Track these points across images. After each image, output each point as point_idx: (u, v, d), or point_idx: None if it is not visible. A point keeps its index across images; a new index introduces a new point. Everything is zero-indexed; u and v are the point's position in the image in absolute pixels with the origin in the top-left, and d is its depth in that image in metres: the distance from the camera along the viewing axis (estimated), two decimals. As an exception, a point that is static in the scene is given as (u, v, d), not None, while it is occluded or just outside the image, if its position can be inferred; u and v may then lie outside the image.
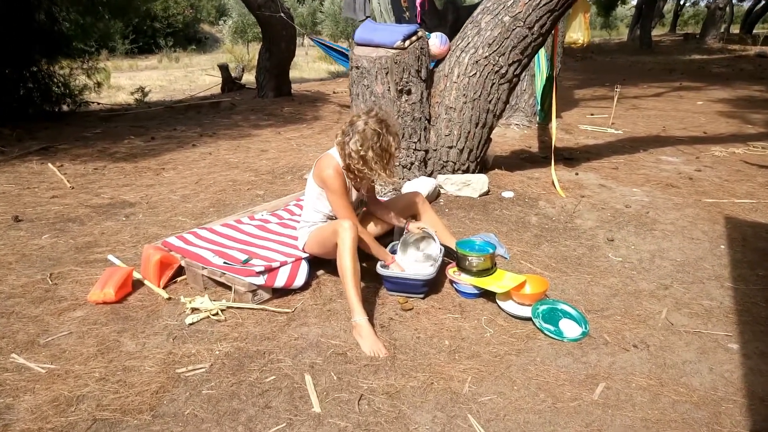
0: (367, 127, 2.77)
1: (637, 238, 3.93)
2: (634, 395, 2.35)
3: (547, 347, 2.67)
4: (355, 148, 2.79)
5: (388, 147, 2.81)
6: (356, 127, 2.80)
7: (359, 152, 2.78)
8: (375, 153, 2.78)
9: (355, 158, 2.81)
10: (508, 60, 4.25)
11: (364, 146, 2.77)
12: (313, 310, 2.92)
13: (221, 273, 2.97)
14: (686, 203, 4.66)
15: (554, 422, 2.18)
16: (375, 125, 2.77)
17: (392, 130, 2.83)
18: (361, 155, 2.79)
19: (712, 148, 6.78)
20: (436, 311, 2.94)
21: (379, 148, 2.78)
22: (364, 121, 2.79)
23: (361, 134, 2.77)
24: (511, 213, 4.23)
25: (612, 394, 2.35)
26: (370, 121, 2.78)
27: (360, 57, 4.13)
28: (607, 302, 3.09)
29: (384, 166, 2.83)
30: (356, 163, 2.82)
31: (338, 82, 14.01)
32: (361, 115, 2.83)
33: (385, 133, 2.79)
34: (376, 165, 2.80)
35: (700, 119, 8.89)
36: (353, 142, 2.79)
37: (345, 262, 2.70)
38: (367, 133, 2.77)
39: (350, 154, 2.81)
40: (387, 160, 2.83)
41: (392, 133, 2.82)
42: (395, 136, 2.84)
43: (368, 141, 2.77)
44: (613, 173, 5.54)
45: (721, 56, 19.57)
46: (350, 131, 2.82)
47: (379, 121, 2.79)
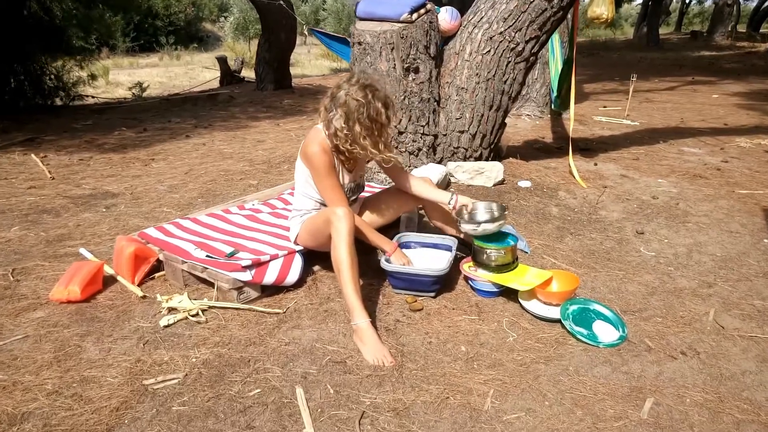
0: (348, 97, 2.37)
1: (669, 231, 3.54)
2: (690, 413, 1.96)
3: (581, 354, 2.28)
4: (339, 125, 2.40)
5: (378, 116, 2.40)
6: (338, 99, 2.40)
7: (343, 129, 2.39)
8: (363, 126, 2.38)
9: (342, 137, 2.42)
10: (525, 36, 3.87)
11: (349, 121, 2.38)
12: (307, 311, 2.54)
13: (203, 267, 2.59)
14: (718, 194, 4.27)
15: (598, 447, 1.79)
16: (358, 93, 2.37)
17: (380, 94, 2.42)
18: (346, 133, 2.40)
19: (736, 139, 6.39)
20: (450, 312, 2.55)
21: (367, 119, 2.38)
22: (345, 91, 2.39)
23: (344, 108, 2.38)
24: (529, 204, 3.83)
25: (663, 412, 1.96)
26: (351, 90, 2.38)
27: (362, 32, 3.75)
28: (644, 302, 2.69)
29: (375, 141, 2.43)
30: (344, 141, 2.43)
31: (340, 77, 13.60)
32: (342, 84, 2.43)
33: (372, 99, 2.38)
34: (366, 140, 2.41)
35: (719, 111, 8.50)
36: (337, 118, 2.40)
37: (340, 255, 2.32)
38: (350, 105, 2.37)
39: (336, 133, 2.43)
40: (379, 132, 2.43)
41: (380, 99, 2.41)
42: (385, 101, 2.43)
43: (353, 113, 2.37)
44: (635, 164, 5.15)
45: (731, 53, 19.18)
46: (332, 106, 2.42)
47: (362, 87, 2.39)
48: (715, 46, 21.73)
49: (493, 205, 2.78)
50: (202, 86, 12.20)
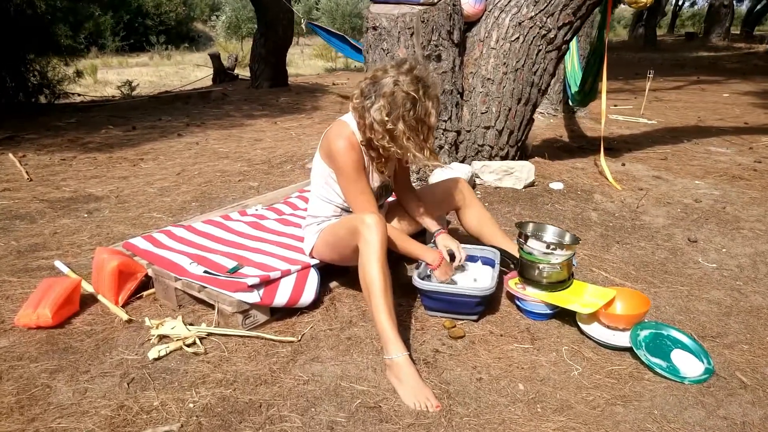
0: (397, 88, 1.94)
1: (724, 239, 3.15)
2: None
3: (664, 393, 1.87)
4: (379, 118, 1.97)
5: (427, 117, 1.99)
6: (381, 86, 1.97)
7: (385, 124, 1.97)
8: (407, 125, 1.96)
9: (380, 131, 1.99)
10: (557, 22, 3.47)
11: (392, 116, 1.95)
12: (327, 339, 2.12)
13: (200, 286, 2.16)
14: (765, 197, 3.88)
15: None
16: (409, 86, 1.94)
17: (431, 92, 2.01)
18: (388, 128, 1.97)
19: (762, 138, 6.03)
20: (498, 339, 2.14)
21: (414, 118, 1.96)
22: (393, 79, 1.96)
23: (388, 98, 1.95)
24: (565, 208, 3.43)
25: (784, 472, 1.55)
26: (401, 80, 1.95)
27: (378, 15, 3.33)
28: (722, 324, 2.29)
29: (421, 144, 2.01)
30: (380, 138, 2.01)
31: (337, 75, 13.22)
32: (389, 69, 2.00)
33: (423, 97, 1.97)
34: (409, 142, 1.99)
35: (735, 110, 8.15)
36: (376, 108, 1.97)
37: (372, 274, 1.90)
38: (397, 98, 1.94)
39: (372, 126, 2.00)
40: (425, 135, 2.01)
41: (431, 97, 2.00)
42: (435, 100, 2.02)
43: (398, 108, 1.94)
44: (664, 164, 4.76)
45: (729, 53, 18.98)
46: (372, 92, 1.99)
47: (415, 79, 1.96)
48: (712, 46, 21.54)
49: (566, 235, 2.38)
50: (193, 84, 11.72)
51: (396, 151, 2.05)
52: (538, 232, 2.37)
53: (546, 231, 2.39)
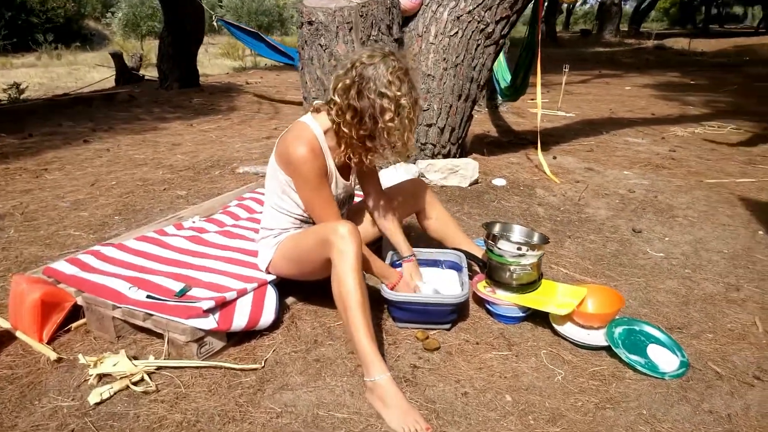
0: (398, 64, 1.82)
1: (664, 228, 3.23)
2: (809, 462, 1.56)
3: (648, 391, 1.84)
4: (391, 94, 1.78)
5: (418, 101, 1.89)
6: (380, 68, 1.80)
7: (398, 98, 1.79)
8: (410, 104, 1.84)
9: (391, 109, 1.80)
10: (495, 16, 3.43)
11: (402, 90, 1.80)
12: (293, 362, 1.93)
13: (145, 314, 1.90)
14: (689, 185, 4.06)
15: None
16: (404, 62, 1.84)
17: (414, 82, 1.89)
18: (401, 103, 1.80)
19: (670, 128, 6.37)
20: (474, 348, 2.04)
21: (414, 100, 1.86)
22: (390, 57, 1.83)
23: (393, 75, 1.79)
24: (511, 204, 3.40)
25: (779, 464, 1.55)
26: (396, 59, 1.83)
27: (314, 9, 3.14)
28: (684, 314, 2.32)
29: (413, 130, 1.88)
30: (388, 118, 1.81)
31: (249, 74, 12.77)
32: (374, 54, 1.84)
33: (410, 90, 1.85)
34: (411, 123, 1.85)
35: (640, 102, 8.60)
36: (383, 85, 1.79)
37: (348, 288, 1.74)
38: (399, 75, 1.81)
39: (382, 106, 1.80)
40: (411, 129, 1.87)
41: (415, 88, 1.89)
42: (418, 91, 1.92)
43: (403, 84, 1.81)
44: (592, 156, 4.90)
45: (622, 49, 20.13)
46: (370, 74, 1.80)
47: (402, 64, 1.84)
48: (606, 42, 22.81)
49: (534, 235, 2.31)
50: (93, 86, 10.91)
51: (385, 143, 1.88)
52: (505, 232, 2.29)
53: (513, 231, 2.32)
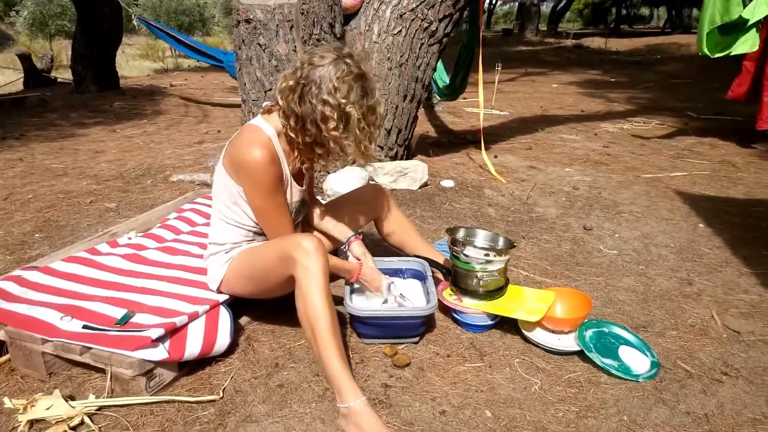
0: (348, 69, 1.65)
1: (612, 224, 3.27)
2: (789, 458, 1.56)
3: (625, 395, 1.80)
4: (334, 102, 1.64)
5: (377, 106, 1.73)
6: (327, 70, 1.65)
7: (342, 107, 1.64)
8: (362, 112, 1.68)
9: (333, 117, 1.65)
10: (438, 14, 3.37)
11: (348, 98, 1.65)
12: (254, 390, 1.76)
13: (83, 348, 1.69)
14: (628, 181, 4.15)
15: None
16: (356, 69, 1.67)
17: (372, 85, 1.74)
18: (346, 111, 1.65)
19: (600, 125, 6.56)
20: (446, 361, 1.94)
21: (367, 106, 1.70)
22: (342, 61, 1.66)
23: (341, 80, 1.64)
24: (462, 206, 3.34)
25: (761, 463, 1.54)
26: (350, 61, 1.67)
27: (251, 6, 2.96)
28: (646, 312, 2.32)
29: (371, 135, 1.74)
30: (332, 127, 1.66)
31: (172, 76, 12.24)
32: (326, 54, 1.69)
33: (368, 92, 1.71)
34: (363, 132, 1.70)
35: (568, 99, 8.85)
36: (327, 91, 1.64)
37: (316, 308, 1.60)
38: (349, 81, 1.65)
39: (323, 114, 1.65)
40: (375, 126, 1.74)
41: (375, 86, 1.75)
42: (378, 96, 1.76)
43: (353, 92, 1.65)
44: (532, 154, 4.94)
45: (543, 48, 20.80)
46: (316, 77, 1.66)
47: (357, 76, 1.68)
48: (528, 41, 23.49)
49: (499, 239, 2.24)
50: (-1, 90, 10.10)
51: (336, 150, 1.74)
52: (470, 237, 2.21)
53: (477, 236, 2.24)
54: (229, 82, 10.66)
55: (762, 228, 3.27)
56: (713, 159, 4.89)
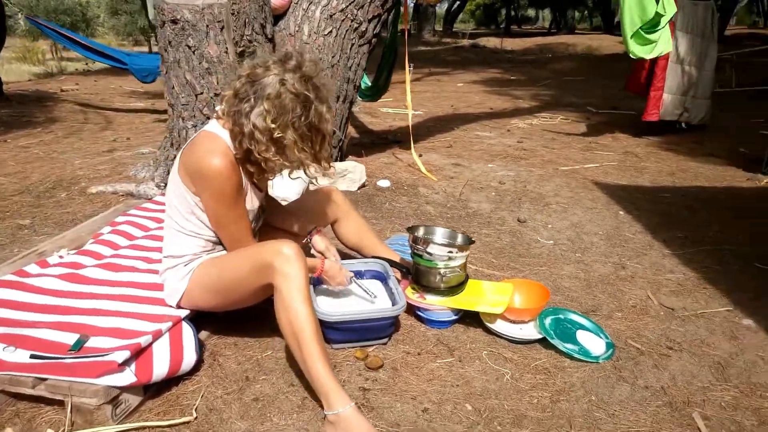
0: (284, 89, 1.60)
1: (543, 216, 3.42)
2: (738, 419, 1.71)
3: (590, 376, 1.90)
4: (263, 125, 1.59)
5: (321, 122, 1.67)
6: (264, 86, 1.60)
7: (271, 132, 1.60)
8: (299, 134, 1.63)
9: (263, 141, 1.62)
10: (367, 14, 3.38)
11: (279, 122, 1.60)
12: (229, 407, 1.69)
13: (35, 379, 1.54)
14: (548, 174, 4.37)
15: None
16: (299, 86, 1.62)
17: (323, 94, 1.69)
18: (275, 137, 1.62)
19: (511, 121, 6.85)
20: (417, 359, 1.95)
21: (306, 125, 1.64)
22: (279, 77, 1.61)
23: (273, 101, 1.59)
24: (401, 205, 3.37)
25: (718, 425, 1.70)
26: (288, 78, 1.61)
27: (178, 6, 2.82)
28: (591, 297, 2.45)
29: (316, 154, 1.70)
30: (264, 149, 1.63)
31: (61, 80, 11.40)
32: (271, 65, 1.64)
33: (315, 99, 1.65)
34: (302, 153, 1.66)
35: (475, 98, 9.16)
36: (258, 114, 1.60)
37: (300, 316, 1.56)
38: (284, 100, 1.60)
39: (253, 135, 1.62)
40: (320, 144, 1.71)
41: (324, 100, 1.69)
42: (328, 103, 1.72)
43: (287, 114, 1.60)
44: (453, 151, 5.07)
45: (442, 47, 21.38)
46: (251, 93, 1.62)
47: (304, 78, 1.64)
48: (427, 42, 24.07)
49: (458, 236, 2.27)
50: None
51: (283, 164, 1.71)
52: (429, 235, 2.23)
53: (436, 233, 2.27)
54: (127, 85, 10.12)
55: (672, 213, 3.55)
56: (618, 150, 5.25)
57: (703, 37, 5.69)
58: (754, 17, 29.51)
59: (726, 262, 2.84)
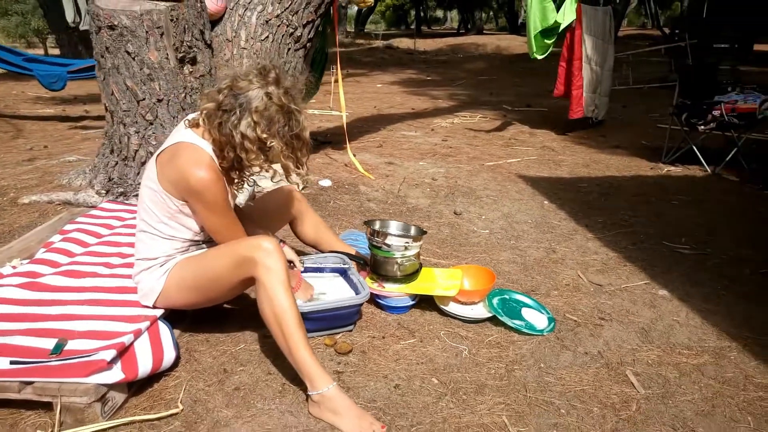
0: (270, 102, 1.71)
1: (476, 208, 3.67)
2: (665, 374, 1.99)
3: (537, 347, 2.12)
4: (253, 136, 1.70)
5: (302, 131, 1.79)
6: (249, 100, 1.70)
7: (264, 142, 1.72)
8: (285, 142, 1.75)
9: (253, 150, 1.72)
10: (302, 20, 3.49)
11: (267, 132, 1.71)
12: (213, 397, 1.77)
13: (21, 384, 1.56)
14: (476, 169, 4.64)
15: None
16: (283, 98, 1.73)
17: (300, 104, 1.81)
18: (268, 146, 1.74)
19: (433, 120, 7.14)
20: (383, 342, 2.10)
21: (291, 133, 1.76)
22: (264, 90, 1.71)
23: (261, 113, 1.70)
24: (346, 203, 3.51)
25: (647, 380, 1.95)
26: (273, 92, 1.72)
27: (115, 12, 2.82)
28: (529, 278, 2.70)
29: (299, 160, 1.82)
30: (253, 157, 1.74)
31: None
32: (253, 79, 1.74)
33: (295, 110, 1.77)
34: (288, 159, 1.78)
35: (396, 98, 9.42)
36: (247, 125, 1.70)
37: (282, 305, 1.67)
38: (270, 113, 1.71)
39: (243, 144, 1.71)
40: (301, 150, 1.82)
41: (302, 110, 1.81)
42: (303, 112, 1.84)
43: (274, 125, 1.72)
44: (385, 151, 5.26)
45: (356, 49, 21.61)
46: (236, 106, 1.71)
47: (285, 91, 1.75)
48: (340, 43, 24.10)
49: (411, 228, 2.45)
50: None
51: (261, 170, 1.82)
52: (384, 228, 2.39)
53: (390, 226, 2.42)
54: (30, 91, 9.61)
55: (590, 201, 3.90)
56: (536, 146, 5.63)
57: (604, 39, 6.20)
58: (642, 18, 31.83)
59: (640, 241, 3.18)
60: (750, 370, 2.01)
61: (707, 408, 1.80)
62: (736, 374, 1.98)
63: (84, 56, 12.43)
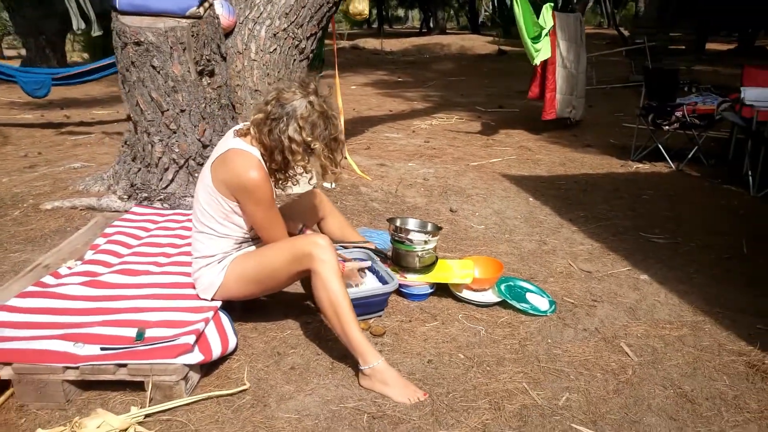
0: (312, 110, 1.99)
1: (469, 205, 3.98)
2: (653, 344, 2.33)
3: (543, 326, 2.44)
4: (300, 139, 1.98)
5: (338, 134, 2.10)
6: (294, 108, 1.98)
7: (309, 144, 2.00)
8: (325, 144, 2.04)
9: (299, 152, 2.01)
10: (306, 33, 3.74)
11: (311, 135, 2.00)
12: (273, 376, 2.03)
13: (116, 365, 1.79)
14: (462, 169, 4.95)
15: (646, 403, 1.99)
16: (323, 106, 2.02)
17: (336, 110, 2.13)
18: (312, 148, 2.02)
19: (413, 122, 7.42)
20: (411, 325, 2.39)
21: (330, 137, 2.05)
22: (307, 100, 1.99)
23: (306, 119, 1.98)
24: (351, 203, 3.77)
25: (637, 349, 2.28)
26: (314, 101, 2.00)
27: (140, 29, 3.03)
28: (527, 267, 3.02)
29: (337, 159, 2.11)
30: (299, 158, 2.02)
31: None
32: (296, 90, 2.02)
33: (332, 116, 2.07)
34: (327, 159, 2.07)
35: (372, 100, 9.68)
36: (294, 130, 1.98)
37: (337, 293, 1.94)
38: (313, 118, 1.99)
39: (290, 147, 1.99)
40: (339, 151, 2.12)
41: (337, 115, 2.13)
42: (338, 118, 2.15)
43: (317, 129, 2.00)
44: (374, 153, 5.53)
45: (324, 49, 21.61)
46: (284, 114, 1.99)
47: (323, 99, 2.04)
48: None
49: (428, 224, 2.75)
50: None
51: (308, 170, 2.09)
52: (405, 225, 2.67)
53: (410, 223, 2.71)
54: (7, 97, 9.53)
55: (570, 197, 4.26)
56: (513, 146, 5.99)
57: (576, 42, 6.61)
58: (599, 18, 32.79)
59: (619, 233, 3.54)
60: (722, 339, 2.36)
61: (690, 370, 2.14)
62: (711, 343, 2.33)
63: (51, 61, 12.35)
